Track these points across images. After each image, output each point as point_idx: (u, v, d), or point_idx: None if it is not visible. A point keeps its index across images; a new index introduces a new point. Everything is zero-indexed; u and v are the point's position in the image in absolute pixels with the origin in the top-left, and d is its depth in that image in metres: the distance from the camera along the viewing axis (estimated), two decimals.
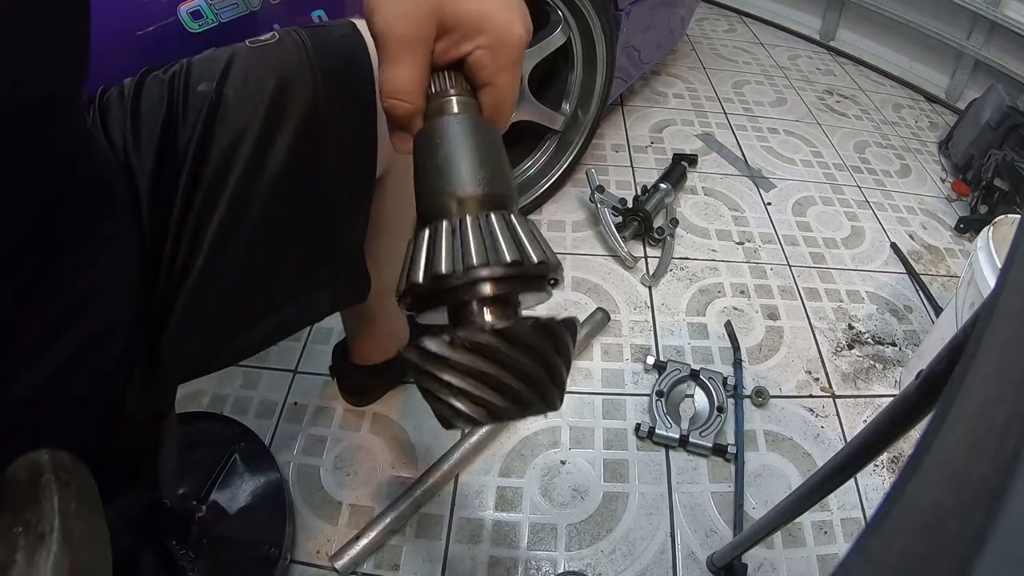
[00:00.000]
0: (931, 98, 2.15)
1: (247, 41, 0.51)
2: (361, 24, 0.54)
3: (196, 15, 0.65)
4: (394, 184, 0.73)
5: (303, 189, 0.52)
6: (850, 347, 1.20)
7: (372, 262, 0.82)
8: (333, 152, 0.53)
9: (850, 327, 1.24)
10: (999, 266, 0.88)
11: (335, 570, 0.80)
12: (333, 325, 1.14)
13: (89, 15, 0.34)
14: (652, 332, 1.18)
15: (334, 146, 0.53)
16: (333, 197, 0.56)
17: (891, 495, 0.22)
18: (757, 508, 0.92)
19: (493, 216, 0.30)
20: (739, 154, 1.72)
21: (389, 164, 0.69)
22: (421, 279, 0.29)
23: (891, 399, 0.50)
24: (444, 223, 0.30)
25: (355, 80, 0.53)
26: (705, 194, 1.55)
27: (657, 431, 0.99)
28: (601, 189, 1.36)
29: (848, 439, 0.97)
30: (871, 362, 1.18)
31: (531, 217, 1.40)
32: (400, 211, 0.78)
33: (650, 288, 1.27)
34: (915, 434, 0.37)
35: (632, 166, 1.61)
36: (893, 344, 1.22)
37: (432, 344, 0.27)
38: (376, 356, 0.97)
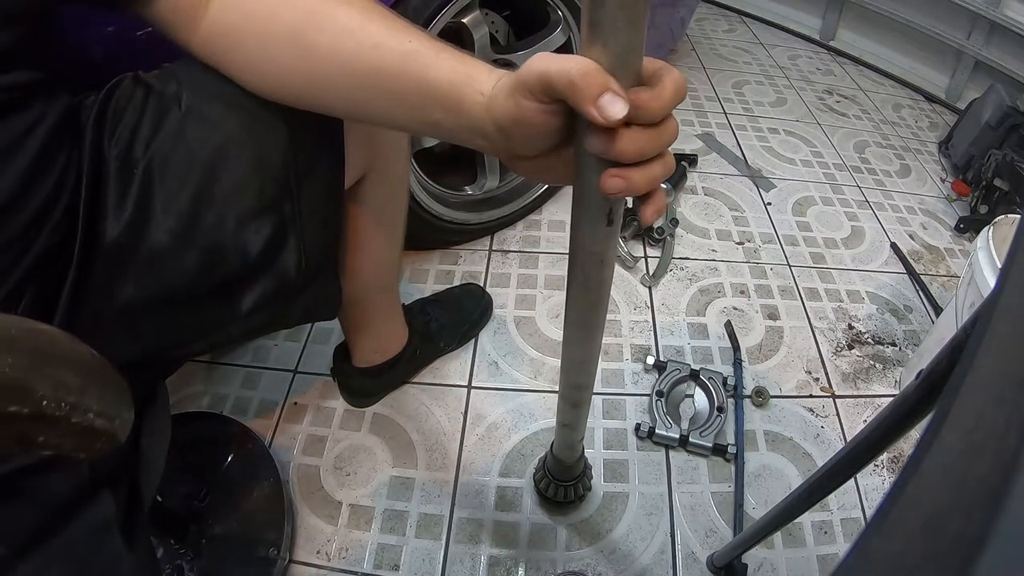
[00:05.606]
0: (931, 98, 2.15)
1: None
2: None
3: None
4: (381, 181, 0.72)
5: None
6: (850, 347, 1.20)
7: (366, 260, 0.82)
8: (299, 168, 0.53)
9: (850, 327, 1.24)
10: (999, 266, 0.88)
11: (335, 570, 0.80)
12: (333, 326, 1.14)
13: None
14: (652, 332, 1.18)
15: (301, 162, 0.53)
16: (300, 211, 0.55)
17: (891, 495, 0.22)
18: (757, 508, 0.92)
19: None
20: (739, 154, 1.72)
21: (369, 164, 0.68)
22: None
23: (891, 399, 0.50)
24: None
25: None
26: (705, 194, 1.55)
27: (657, 431, 0.99)
28: None
29: (848, 439, 0.97)
30: (871, 362, 1.18)
31: (531, 217, 1.40)
32: (389, 206, 0.78)
33: (650, 288, 1.27)
34: (915, 434, 0.37)
35: None
36: (893, 344, 1.22)
37: None
38: (377, 357, 0.97)
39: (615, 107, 0.31)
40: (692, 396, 1.07)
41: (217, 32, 0.47)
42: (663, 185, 1.39)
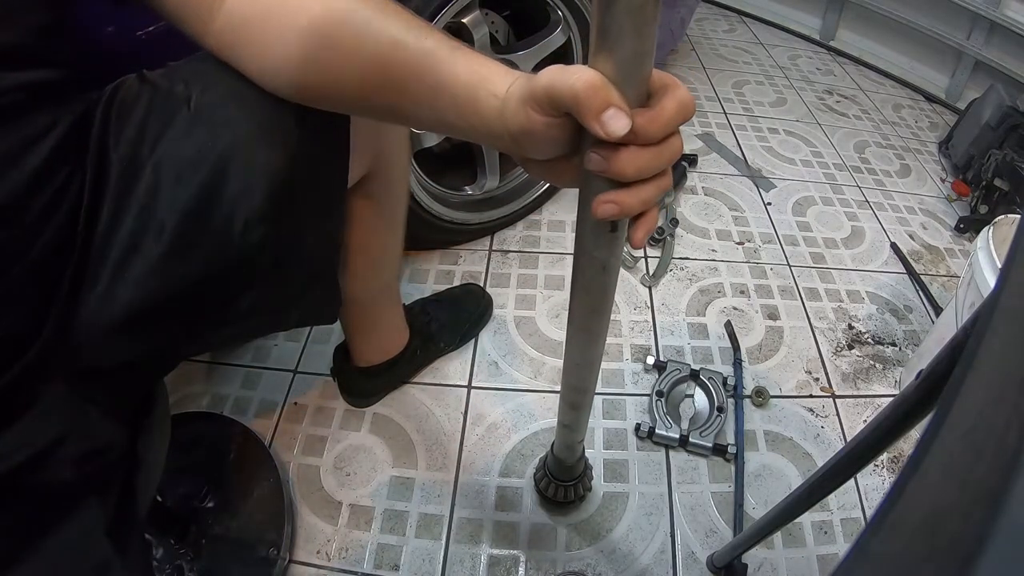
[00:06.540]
0: (931, 98, 2.15)
1: None
2: None
3: None
4: (382, 181, 0.72)
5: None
6: (850, 347, 1.20)
7: (367, 260, 0.82)
8: (305, 170, 0.53)
9: (850, 327, 1.24)
10: (999, 266, 0.88)
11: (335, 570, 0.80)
12: (333, 326, 1.13)
13: None
14: (652, 332, 1.18)
15: (308, 163, 0.53)
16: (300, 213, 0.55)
17: (891, 495, 0.22)
18: (757, 508, 0.92)
19: None
20: (739, 154, 1.72)
21: (374, 164, 0.68)
22: None
23: (891, 399, 0.50)
24: None
25: None
26: (705, 194, 1.55)
27: (657, 431, 0.99)
28: None
29: (848, 439, 0.97)
30: (871, 362, 1.18)
31: (531, 217, 1.40)
32: (390, 206, 0.78)
33: (650, 288, 1.27)
34: (915, 434, 0.37)
35: None
36: (893, 344, 1.22)
37: None
38: (376, 357, 0.97)
39: (618, 123, 0.31)
40: (692, 396, 1.07)
41: (235, 25, 0.46)
42: None
